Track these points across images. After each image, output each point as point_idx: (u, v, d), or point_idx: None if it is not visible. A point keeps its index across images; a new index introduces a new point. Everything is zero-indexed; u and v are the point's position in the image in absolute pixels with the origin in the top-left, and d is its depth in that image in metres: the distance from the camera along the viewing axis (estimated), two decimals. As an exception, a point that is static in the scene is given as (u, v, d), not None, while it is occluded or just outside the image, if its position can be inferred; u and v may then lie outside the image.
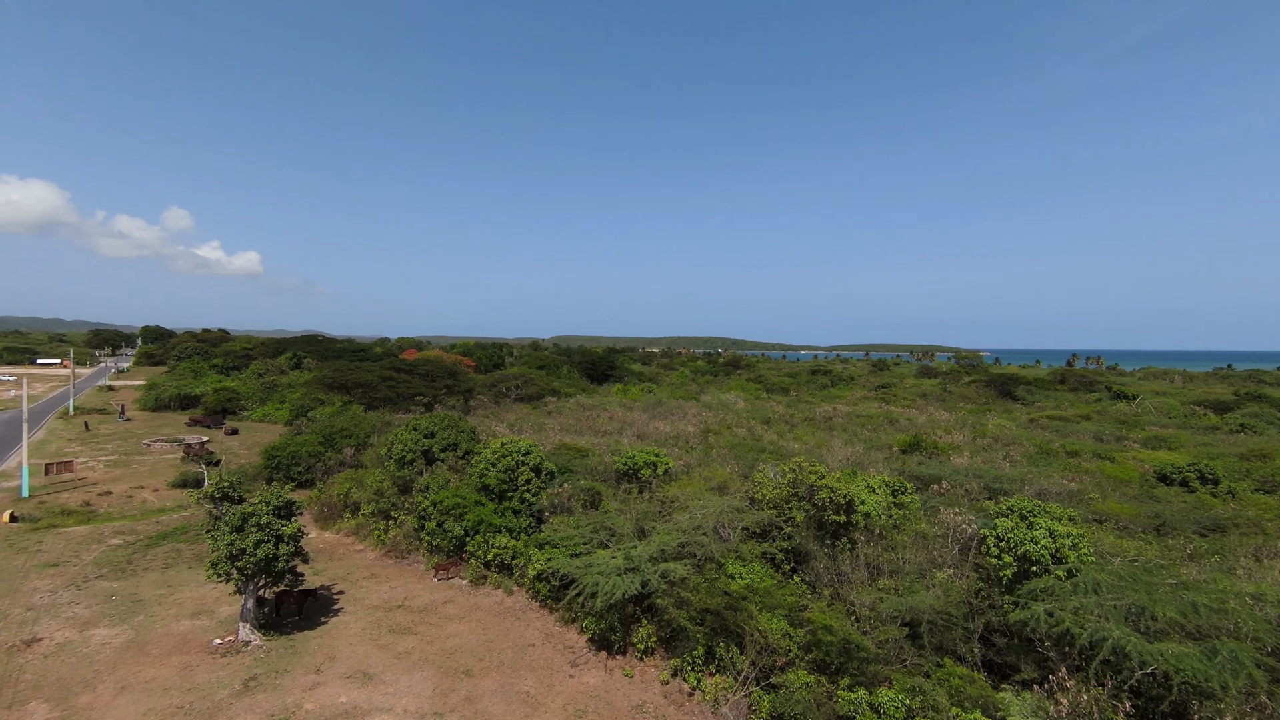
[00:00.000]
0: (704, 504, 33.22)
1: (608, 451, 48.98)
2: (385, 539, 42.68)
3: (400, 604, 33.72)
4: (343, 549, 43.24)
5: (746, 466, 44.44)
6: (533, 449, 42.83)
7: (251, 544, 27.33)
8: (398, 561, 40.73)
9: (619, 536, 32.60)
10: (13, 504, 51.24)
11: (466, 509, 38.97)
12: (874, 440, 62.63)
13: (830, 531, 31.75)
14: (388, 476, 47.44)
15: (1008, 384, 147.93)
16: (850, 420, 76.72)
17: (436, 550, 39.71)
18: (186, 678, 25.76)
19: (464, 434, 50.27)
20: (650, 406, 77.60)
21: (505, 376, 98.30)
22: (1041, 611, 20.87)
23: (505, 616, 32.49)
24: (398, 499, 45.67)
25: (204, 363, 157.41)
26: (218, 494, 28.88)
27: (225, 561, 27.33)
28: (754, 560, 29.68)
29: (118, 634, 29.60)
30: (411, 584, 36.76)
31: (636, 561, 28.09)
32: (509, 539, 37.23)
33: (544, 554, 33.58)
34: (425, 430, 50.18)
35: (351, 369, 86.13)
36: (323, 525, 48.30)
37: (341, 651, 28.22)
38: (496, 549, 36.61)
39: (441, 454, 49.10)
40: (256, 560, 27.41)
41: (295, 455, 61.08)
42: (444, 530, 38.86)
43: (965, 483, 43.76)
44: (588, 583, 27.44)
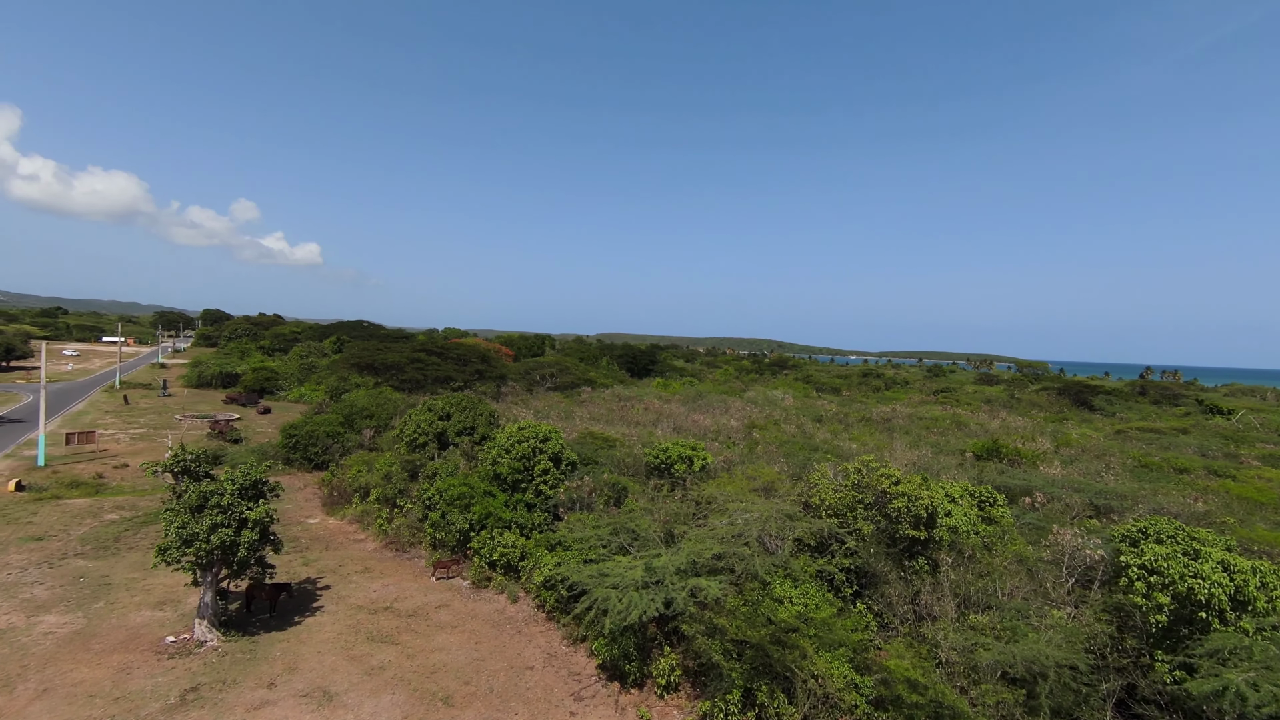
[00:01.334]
0: (746, 507, 27.45)
1: (639, 443, 43.60)
2: (388, 529, 38.44)
3: (388, 605, 29.16)
4: (342, 537, 39.24)
5: (797, 466, 38.33)
6: (552, 435, 37.83)
7: (206, 528, 23.10)
8: (397, 555, 36.36)
9: (643, 541, 27.18)
10: (26, 473, 49.49)
11: (473, 499, 34.25)
12: (942, 444, 55.28)
13: (904, 549, 25.54)
14: (397, 460, 43.31)
15: (1084, 393, 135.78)
16: (912, 422, 69.15)
17: (439, 545, 35.15)
18: (120, 683, 21.67)
19: (482, 417, 45.74)
20: (690, 399, 71.81)
21: (539, 364, 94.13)
22: (1241, 685, 14.37)
23: (504, 629, 27.49)
24: (406, 485, 41.45)
25: (251, 344, 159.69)
26: (176, 467, 24.84)
27: (176, 547, 23.19)
28: (807, 580, 23.77)
29: (68, 622, 25.95)
30: (406, 582, 32.22)
31: (660, 574, 22.59)
32: (518, 536, 32.29)
33: (553, 557, 28.46)
34: (440, 411, 45.89)
35: (379, 349, 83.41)
36: (329, 510, 44.58)
37: (306, 661, 23.73)
38: (503, 547, 31.71)
39: (456, 438, 44.70)
40: (211, 548, 23.16)
41: (312, 435, 58.03)
42: (447, 522, 34.25)
43: (1063, 496, 36.54)
44: (599, 597, 22.12)
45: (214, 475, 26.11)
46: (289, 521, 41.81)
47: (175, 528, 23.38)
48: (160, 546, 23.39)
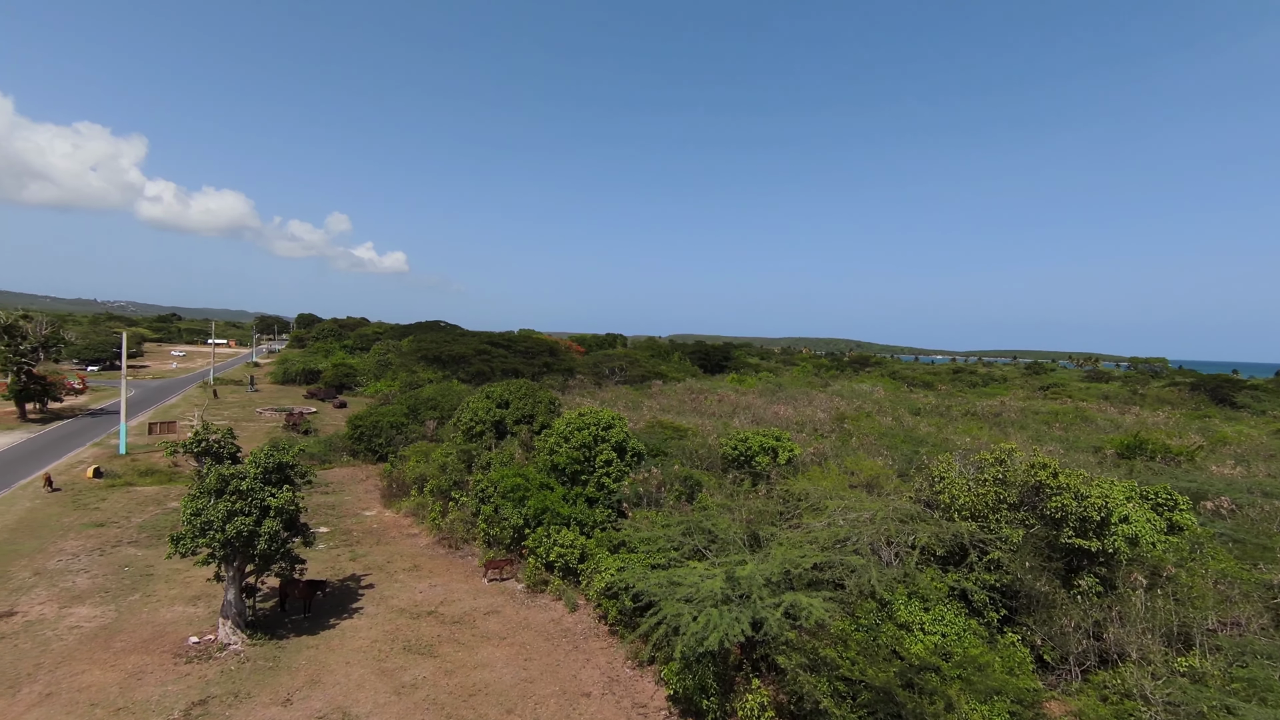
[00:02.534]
0: (850, 505, 22.19)
1: (714, 434, 38.78)
2: (441, 523, 35.46)
3: (432, 609, 25.82)
4: (396, 531, 36.63)
5: (903, 460, 32.38)
6: (616, 422, 33.68)
7: (221, 515, 20.30)
8: (449, 552, 33.22)
9: (721, 544, 22.44)
10: (108, 460, 50.36)
11: (528, 492, 30.56)
12: (1072, 440, 47.17)
13: (1068, 563, 19.56)
14: (454, 450, 40.45)
15: (1223, 388, 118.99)
16: (1026, 416, 60.59)
17: (493, 542, 31.70)
18: (127, 691, 19.12)
19: (541, 405, 42.26)
20: (769, 391, 66.10)
21: (608, 357, 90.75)
22: None
23: (560, 643, 23.46)
24: (462, 476, 38.45)
25: (336, 343, 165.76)
26: (196, 448, 22.34)
27: (191, 537, 20.53)
28: (939, 602, 18.32)
29: (97, 616, 24.05)
30: (455, 583, 28.89)
31: (746, 586, 17.81)
32: (577, 535, 28.29)
33: (616, 560, 24.20)
34: (498, 398, 42.76)
35: (447, 341, 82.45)
36: (386, 503, 42.39)
37: (331, 673, 20.52)
38: (560, 547, 27.79)
39: (514, 427, 41.42)
40: (227, 538, 20.35)
41: (376, 426, 56.69)
42: (500, 517, 30.72)
43: (1256, 502, 28.85)
44: (670, 613, 17.62)
45: (240, 458, 23.47)
46: (345, 513, 39.82)
47: (189, 514, 20.77)
48: (173, 535, 20.83)
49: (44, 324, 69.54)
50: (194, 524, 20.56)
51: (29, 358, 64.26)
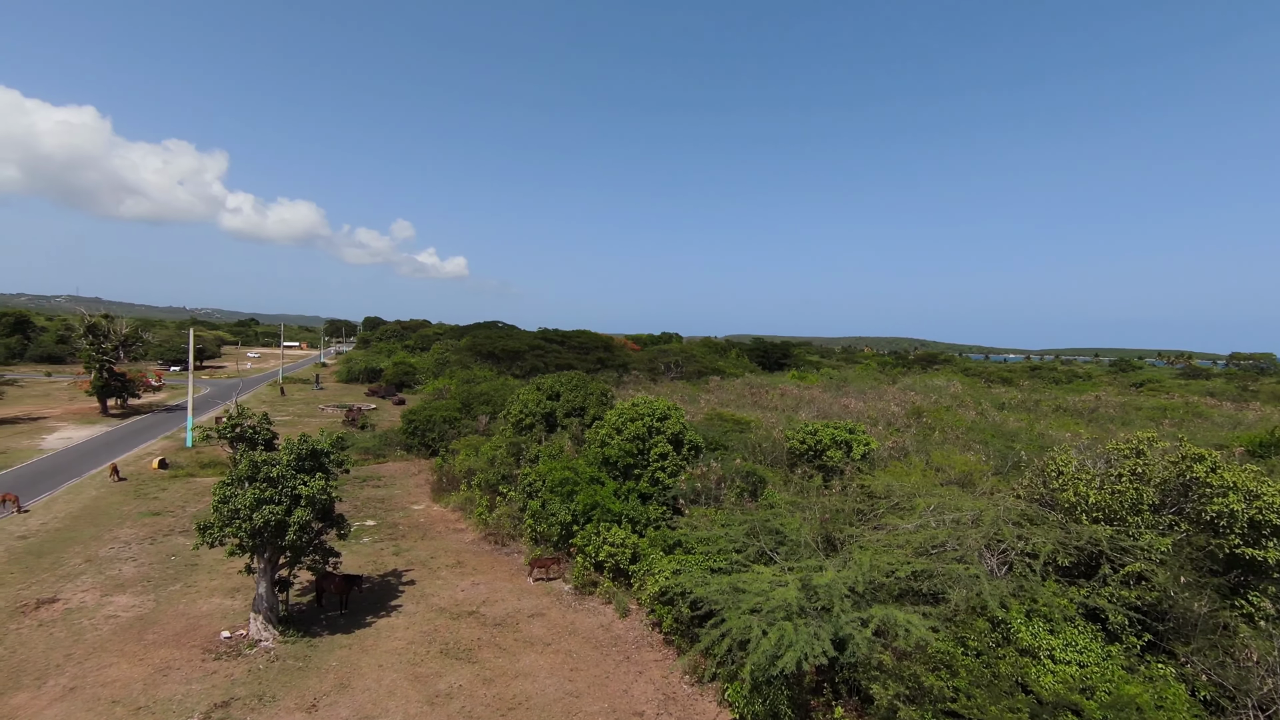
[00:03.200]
0: (944, 504, 18.91)
1: (778, 426, 35.69)
2: (488, 518, 33.82)
3: (474, 610, 23.97)
4: (442, 526, 35.26)
5: (997, 456, 28.52)
6: (672, 413, 31.15)
7: (248, 503, 18.96)
8: (495, 549, 31.48)
9: (791, 548, 19.57)
10: (174, 453, 51.56)
11: (577, 487, 28.42)
12: (1191, 437, 41.43)
13: (1232, 578, 15.76)
14: (503, 443, 38.89)
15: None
16: (1128, 411, 54.39)
17: (540, 539, 29.73)
18: (151, 688, 17.96)
19: (593, 396, 40.19)
20: (834, 386, 62.08)
21: (663, 352, 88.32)
22: None
23: (610, 652, 21.12)
24: (510, 470, 36.79)
25: (398, 344, 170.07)
26: (228, 433, 21.23)
27: (218, 526, 19.28)
28: (1064, 623, 14.92)
29: (136, 605, 23.34)
30: (500, 581, 27.02)
31: (826, 597, 14.96)
32: (629, 533, 25.91)
33: (671, 561, 21.66)
34: (549, 390, 40.97)
35: (501, 336, 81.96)
36: (435, 497, 41.26)
37: (362, 677, 18.85)
38: (610, 546, 25.48)
39: (565, 420, 39.51)
40: (254, 527, 18.98)
41: (430, 420, 56.15)
42: (548, 513, 28.69)
43: None
44: (735, 627, 14.97)
45: (275, 445, 22.21)
46: (393, 507, 38.87)
47: (216, 501, 19.55)
48: (200, 524, 19.65)
49: (124, 324, 72.92)
50: (221, 512, 19.33)
51: (110, 355, 67.27)
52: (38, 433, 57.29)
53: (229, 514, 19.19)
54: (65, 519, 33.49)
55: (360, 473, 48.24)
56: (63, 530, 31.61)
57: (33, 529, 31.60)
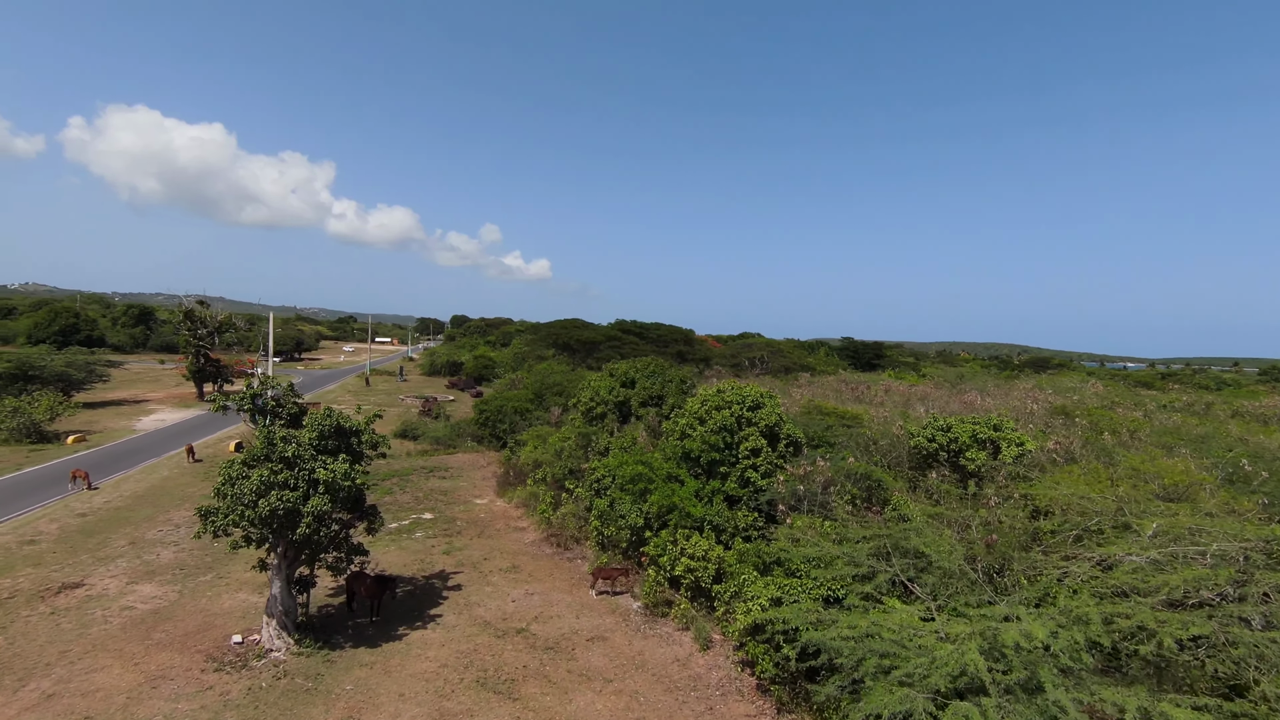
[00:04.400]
0: (1178, 525, 12.78)
1: (893, 421, 29.61)
2: (551, 517, 29.88)
3: (523, 627, 19.88)
4: (502, 523, 31.70)
5: (1221, 464, 21.41)
6: (766, 401, 26.00)
7: (252, 488, 15.66)
8: (556, 552, 27.43)
9: (939, 578, 14.06)
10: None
11: (652, 485, 23.87)
12: None
13: None
14: (572, 434, 34.97)
15: None
16: (1338, 421, 43.45)
17: (608, 544, 25.41)
18: (133, 702, 14.95)
19: (671, 384, 35.57)
20: (950, 382, 54.22)
21: (748, 346, 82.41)
22: None
23: (687, 697, 16.34)
24: (578, 463, 32.78)
25: (480, 339, 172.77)
26: (246, 405, 18.19)
27: (222, 512, 16.11)
28: None
29: (157, 597, 20.92)
30: (557, 592, 22.86)
31: (1026, 665, 9.51)
32: (712, 544, 21.04)
33: (769, 585, 16.58)
34: (623, 377, 36.72)
35: (577, 327, 79.01)
36: (500, 491, 37.97)
37: (376, 710, 15.07)
38: (690, 559, 20.71)
39: (640, 410, 35.10)
40: (258, 515, 15.65)
41: (501, 411, 53.50)
42: (616, 514, 24.30)
43: None
44: (884, 708, 9.81)
45: (303, 421, 19.02)
46: (455, 500, 35.84)
47: (220, 482, 16.44)
48: (202, 509, 16.55)
49: (219, 312, 75.59)
50: (225, 495, 16.19)
51: (205, 341, 69.56)
52: (137, 414, 59.39)
53: (234, 499, 16.00)
54: (129, 498, 32.57)
55: (429, 463, 46.11)
56: (122, 510, 30.49)
57: (95, 507, 30.68)
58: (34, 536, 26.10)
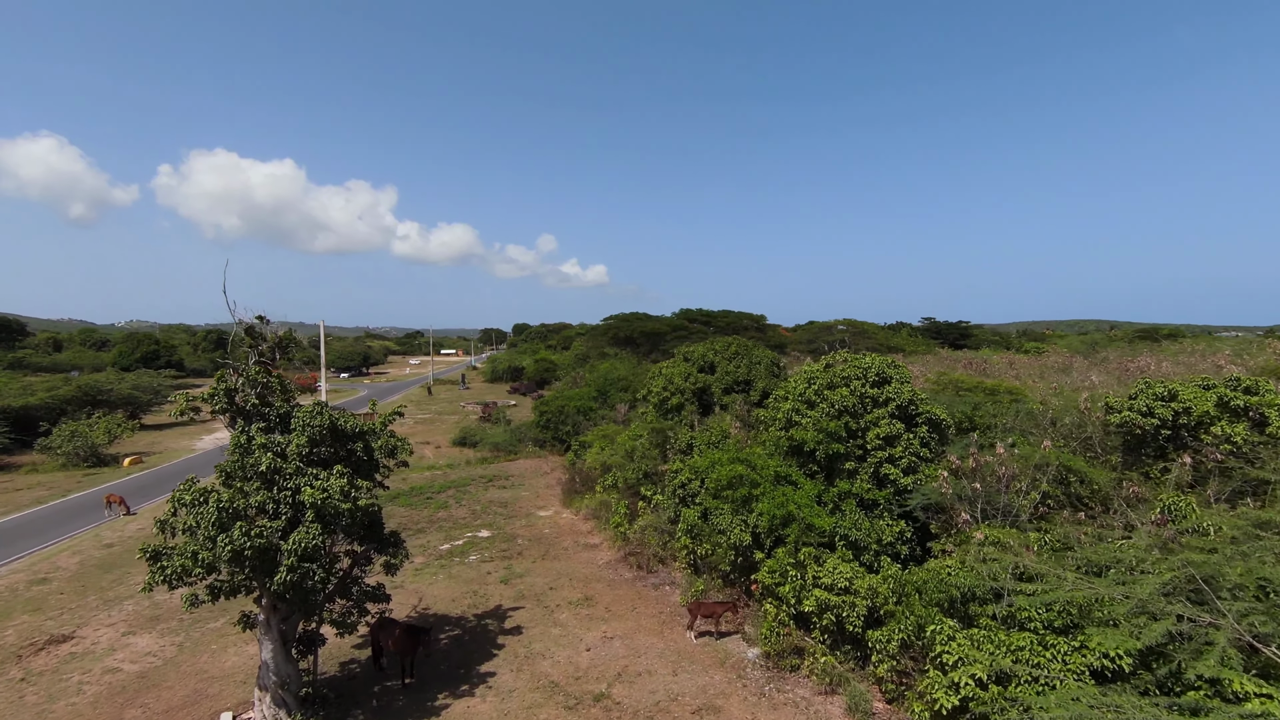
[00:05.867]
0: None
1: (1060, 395, 22.70)
2: (628, 531, 24.60)
3: (604, 691, 14.60)
4: (570, 540, 26.71)
5: None
6: (893, 373, 19.86)
7: (210, 520, 10.98)
8: (638, 576, 22.10)
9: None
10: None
11: (756, 488, 18.19)
12: None
13: None
14: (644, 430, 29.65)
15: None
16: None
17: (702, 564, 19.89)
18: (63, 830, 10.54)
19: (760, 366, 29.72)
20: (1086, 349, 45.62)
21: (825, 329, 75.03)
22: None
23: (861, 825, 10.58)
24: (655, 465, 27.43)
25: (540, 344, 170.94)
26: (217, 405, 13.63)
27: (176, 554, 11.50)
28: None
29: (155, 651, 16.90)
30: (644, 634, 17.49)
31: None
32: (854, 566, 15.15)
33: (983, 645, 10.58)
34: (700, 360, 31.12)
35: (637, 319, 73.91)
36: (565, 500, 33.13)
37: (392, 846, 10.11)
38: (825, 590, 14.89)
39: (724, 398, 29.41)
40: (214, 558, 10.97)
41: (562, 411, 48.96)
42: (713, 528, 18.75)
43: None
44: None
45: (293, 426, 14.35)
46: (516, 512, 31.21)
47: (169, 511, 11.90)
48: (148, 549, 11.90)
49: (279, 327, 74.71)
50: (174, 530, 11.65)
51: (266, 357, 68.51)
52: (200, 434, 58.30)
53: (190, 534, 11.42)
54: (164, 523, 29.50)
55: (488, 471, 42.05)
56: (151, 539, 27.28)
57: (125, 535, 27.66)
58: (49, 573, 22.95)
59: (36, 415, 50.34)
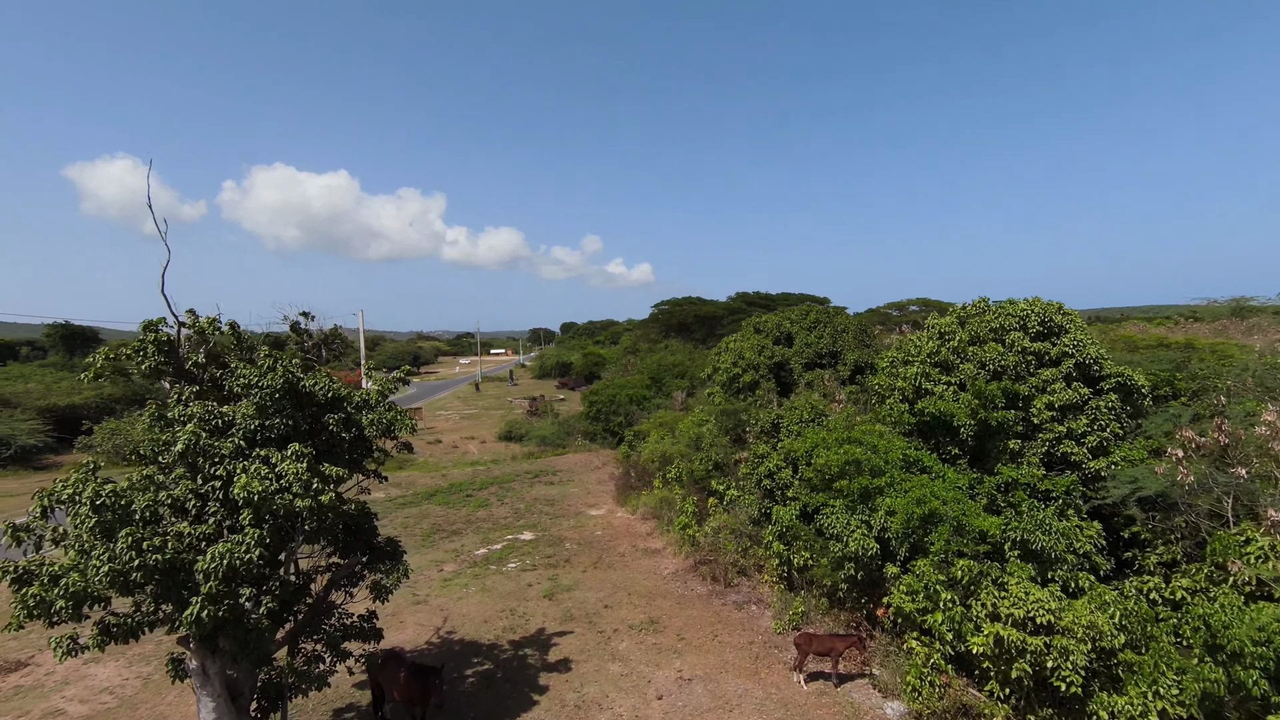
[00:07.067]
0: None
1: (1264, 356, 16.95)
2: (697, 534, 20.06)
3: (685, 768, 10.19)
4: (626, 543, 22.40)
5: None
6: (1062, 319, 14.68)
7: (88, 525, 7.08)
8: (714, 591, 17.55)
9: None
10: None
11: (880, 478, 13.40)
12: None
13: None
14: (711, 414, 25.08)
15: None
16: None
17: (800, 578, 15.22)
18: None
19: (847, 335, 24.72)
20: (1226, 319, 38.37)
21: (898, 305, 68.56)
22: None
23: None
24: (727, 455, 22.82)
25: (588, 339, 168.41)
26: (148, 362, 9.81)
27: (46, 578, 7.60)
28: None
29: (115, 688, 13.46)
30: (731, 674, 12.95)
31: None
32: (1053, 590, 10.25)
33: None
34: (774, 332, 26.31)
35: (690, 303, 69.19)
36: (620, 498, 28.91)
37: None
38: (1001, 626, 10.04)
39: (806, 374, 24.54)
40: (89, 582, 7.02)
41: (613, 401, 44.91)
42: (819, 533, 14.06)
43: None
44: None
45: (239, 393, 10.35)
46: (563, 511, 27.18)
47: (37, 511, 8.00)
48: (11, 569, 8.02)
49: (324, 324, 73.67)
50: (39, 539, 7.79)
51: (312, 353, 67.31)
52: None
53: (63, 549, 7.57)
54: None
55: (534, 466, 38.38)
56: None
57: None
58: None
59: (83, 414, 49.68)
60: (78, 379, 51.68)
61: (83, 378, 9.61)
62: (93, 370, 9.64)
